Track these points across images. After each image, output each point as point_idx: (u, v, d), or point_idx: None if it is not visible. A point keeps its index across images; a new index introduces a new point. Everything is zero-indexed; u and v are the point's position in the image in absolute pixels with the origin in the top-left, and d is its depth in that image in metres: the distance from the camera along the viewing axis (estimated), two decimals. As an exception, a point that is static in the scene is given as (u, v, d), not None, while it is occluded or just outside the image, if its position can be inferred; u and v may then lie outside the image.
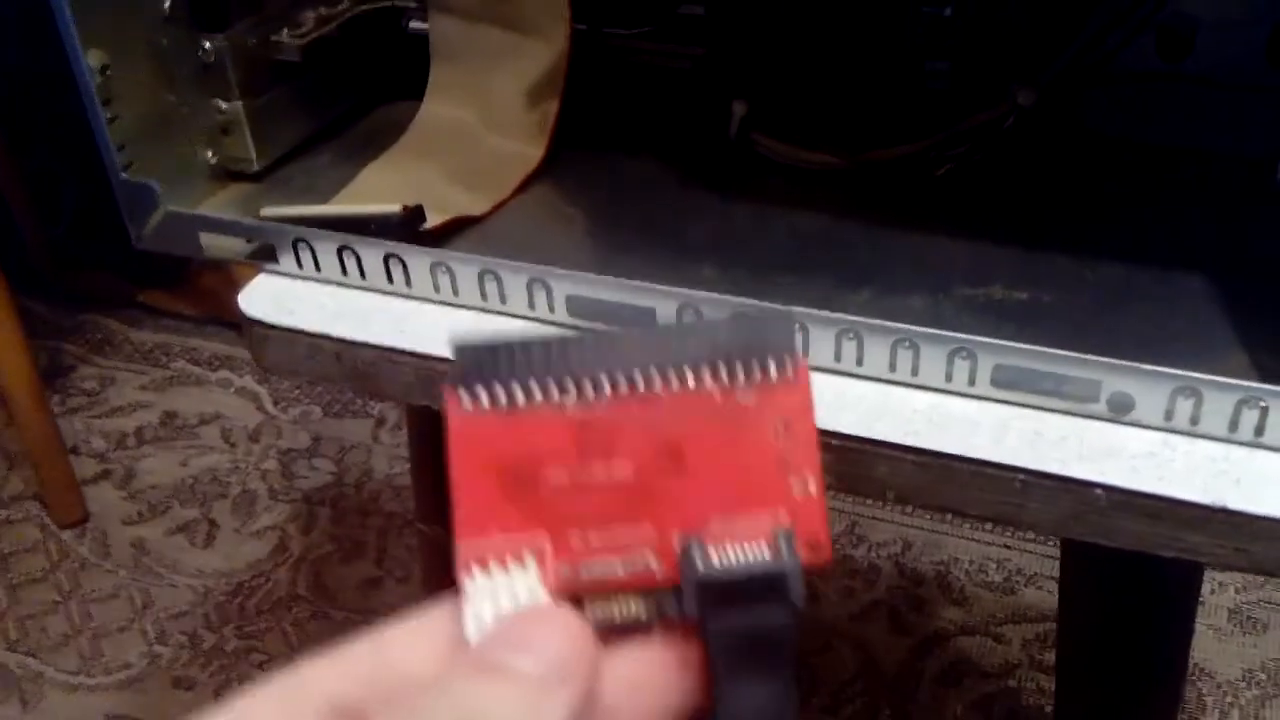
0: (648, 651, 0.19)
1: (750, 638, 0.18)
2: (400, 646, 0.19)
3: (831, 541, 0.19)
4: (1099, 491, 0.33)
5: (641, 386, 0.19)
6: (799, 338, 0.20)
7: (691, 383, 0.19)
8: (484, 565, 0.19)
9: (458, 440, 0.19)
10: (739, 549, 0.19)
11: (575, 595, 0.19)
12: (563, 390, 0.19)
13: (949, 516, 1.15)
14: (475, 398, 0.19)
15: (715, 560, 0.19)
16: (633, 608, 0.19)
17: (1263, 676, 0.98)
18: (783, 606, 0.18)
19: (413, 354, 0.39)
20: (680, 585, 0.19)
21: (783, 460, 0.19)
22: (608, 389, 0.19)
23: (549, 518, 0.19)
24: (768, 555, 0.19)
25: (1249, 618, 1.03)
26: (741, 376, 0.20)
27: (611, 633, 0.19)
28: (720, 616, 0.18)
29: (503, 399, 0.19)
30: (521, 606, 0.19)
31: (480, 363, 0.19)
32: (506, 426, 0.19)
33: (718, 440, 0.19)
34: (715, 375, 0.19)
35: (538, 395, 0.19)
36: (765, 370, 0.20)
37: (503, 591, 0.19)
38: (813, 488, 0.19)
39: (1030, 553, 1.10)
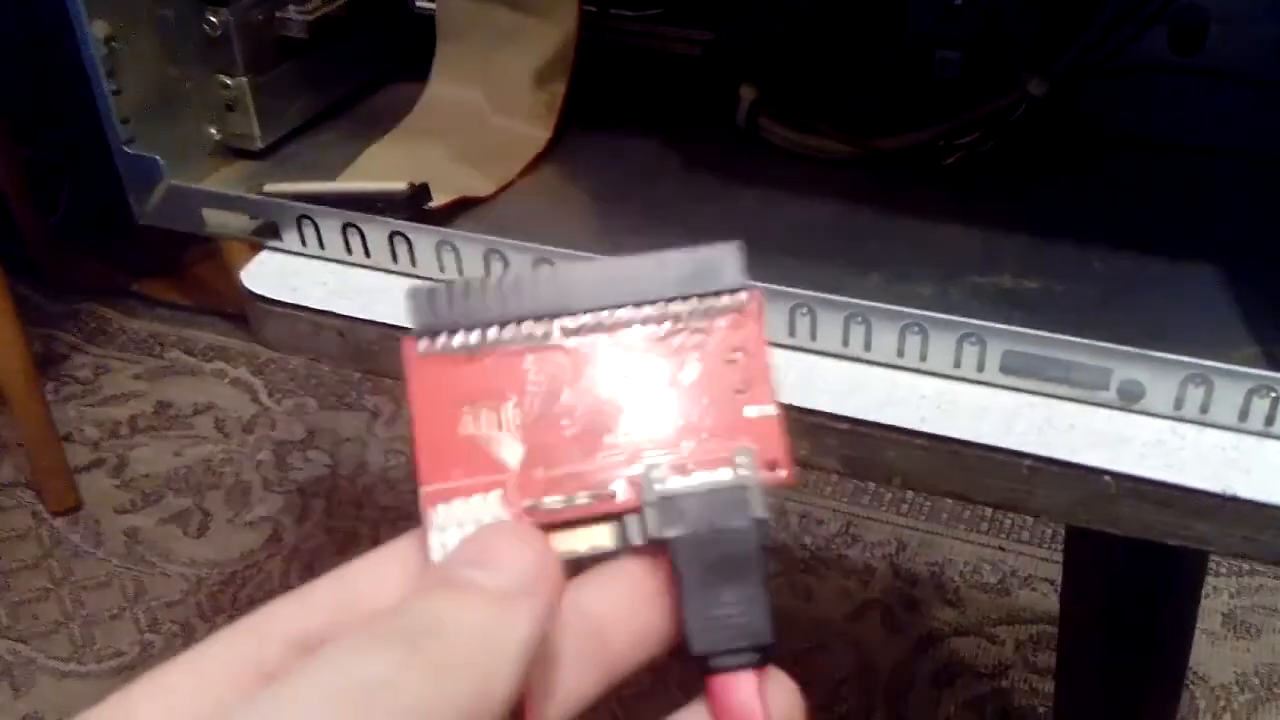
0: (626, 583, 0.19)
1: (715, 551, 0.19)
2: (366, 579, 0.19)
3: (793, 462, 0.19)
4: (1107, 479, 0.33)
5: (596, 321, 0.20)
6: (744, 266, 0.20)
7: (646, 314, 0.20)
8: (449, 503, 0.19)
9: (416, 384, 0.20)
10: (700, 472, 0.19)
11: (540, 527, 0.19)
12: (518, 328, 0.20)
13: (944, 517, 1.15)
14: (433, 342, 0.20)
15: (674, 481, 0.19)
16: (599, 538, 0.19)
17: (1255, 681, 0.98)
18: (744, 519, 0.19)
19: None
20: (642, 509, 0.19)
21: (739, 386, 0.20)
22: (563, 324, 0.20)
23: (511, 455, 0.19)
24: (729, 474, 0.19)
25: (1242, 622, 1.03)
26: (694, 306, 0.20)
27: (580, 566, 0.19)
28: (683, 533, 0.19)
29: (460, 341, 0.20)
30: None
31: (435, 307, 0.20)
32: (465, 368, 0.20)
33: (674, 370, 0.20)
34: (669, 306, 0.20)
35: (494, 335, 0.20)
36: (717, 300, 0.20)
37: (468, 519, 0.19)
38: (769, 410, 0.20)
39: (1025, 554, 1.10)
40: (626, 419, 0.19)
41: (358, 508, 1.19)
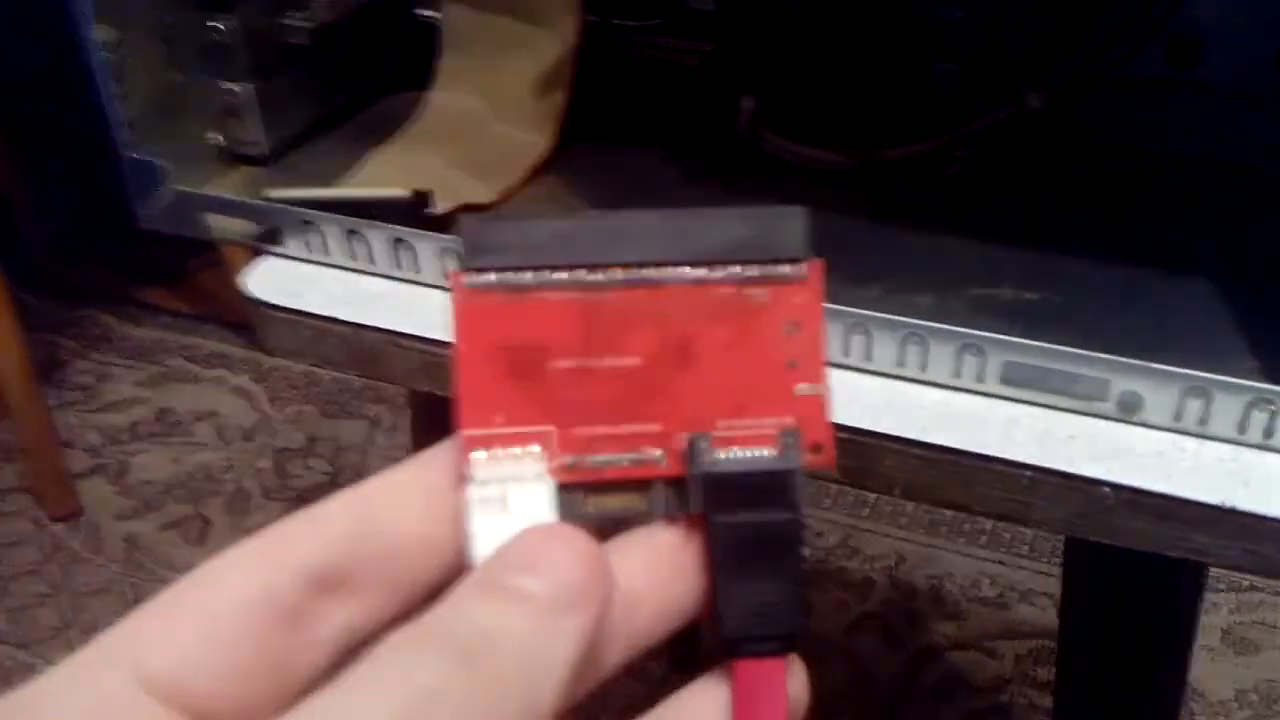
0: (660, 554, 0.19)
1: (754, 534, 0.18)
2: (384, 504, 0.18)
3: (835, 445, 0.19)
4: (1107, 490, 0.33)
5: (652, 275, 0.19)
6: (808, 234, 0.19)
7: (703, 275, 0.19)
8: (489, 451, 0.18)
9: (463, 319, 0.19)
10: (744, 447, 0.19)
11: (580, 486, 0.19)
12: (572, 274, 0.19)
13: (943, 530, 1.14)
14: (482, 275, 0.19)
15: (719, 456, 0.19)
16: (633, 500, 0.19)
17: (1255, 697, 0.98)
18: (787, 503, 0.18)
19: (419, 339, 0.39)
20: (685, 480, 0.18)
21: (790, 361, 0.19)
22: (618, 275, 0.19)
23: (556, 407, 0.19)
24: (772, 453, 0.19)
25: (1242, 638, 1.03)
26: (754, 272, 0.19)
27: (613, 528, 0.19)
28: (724, 512, 0.18)
29: (510, 280, 0.19)
30: (526, 488, 0.18)
31: (487, 242, 0.19)
32: (513, 309, 0.19)
33: (726, 336, 0.19)
34: (727, 269, 0.19)
35: (546, 277, 0.19)
36: (777, 267, 0.19)
37: (509, 475, 0.18)
38: (819, 390, 0.19)
39: (1024, 568, 1.10)
40: (676, 381, 0.19)
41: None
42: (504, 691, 0.16)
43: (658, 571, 0.18)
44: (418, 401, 0.59)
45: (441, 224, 0.41)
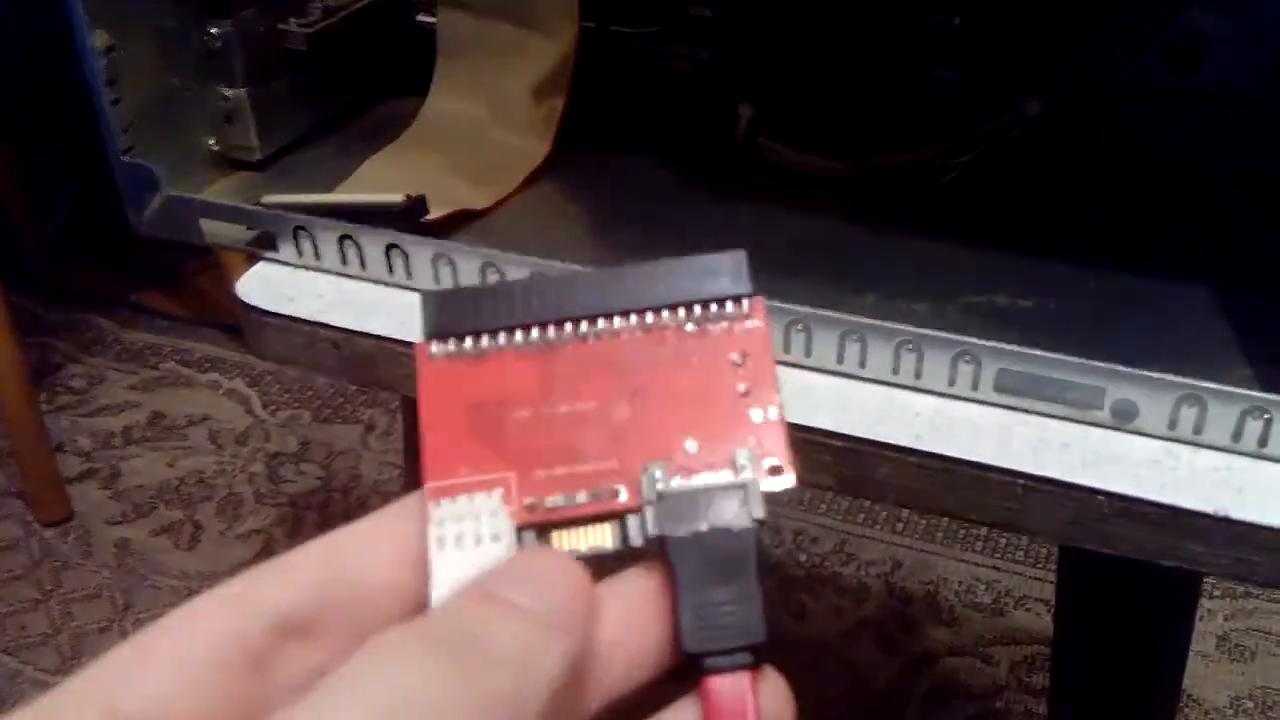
0: (634, 600, 0.19)
1: (712, 549, 0.19)
2: (354, 554, 0.18)
3: (795, 464, 0.19)
4: (1101, 498, 0.33)
5: (602, 326, 0.20)
6: (749, 274, 0.21)
7: (651, 321, 0.20)
8: (452, 498, 0.19)
9: (426, 386, 0.20)
10: (701, 472, 0.19)
11: (540, 525, 0.19)
12: (526, 333, 0.20)
13: (939, 536, 1.14)
14: (444, 344, 0.20)
15: (676, 484, 0.19)
16: (599, 538, 0.19)
17: (1250, 704, 0.98)
18: (743, 518, 0.19)
19: (412, 345, 0.39)
20: (642, 508, 0.19)
21: (743, 391, 0.20)
22: (569, 329, 0.20)
23: (516, 456, 0.19)
24: (729, 476, 0.19)
25: (1237, 645, 1.03)
26: (699, 313, 0.20)
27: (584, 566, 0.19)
28: (681, 531, 0.19)
29: (469, 345, 0.20)
30: (484, 527, 0.19)
31: (446, 311, 0.20)
32: (473, 371, 0.20)
33: (678, 376, 0.20)
34: (674, 313, 0.20)
35: (503, 339, 0.20)
36: (722, 307, 0.20)
37: (467, 514, 0.19)
38: (773, 414, 0.20)
39: (1019, 574, 1.10)
40: (631, 421, 0.20)
41: (350, 521, 1.18)
42: (489, 698, 0.16)
43: (634, 618, 0.19)
44: (411, 406, 0.59)
45: (435, 230, 0.41)
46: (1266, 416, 0.32)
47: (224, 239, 0.42)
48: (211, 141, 0.45)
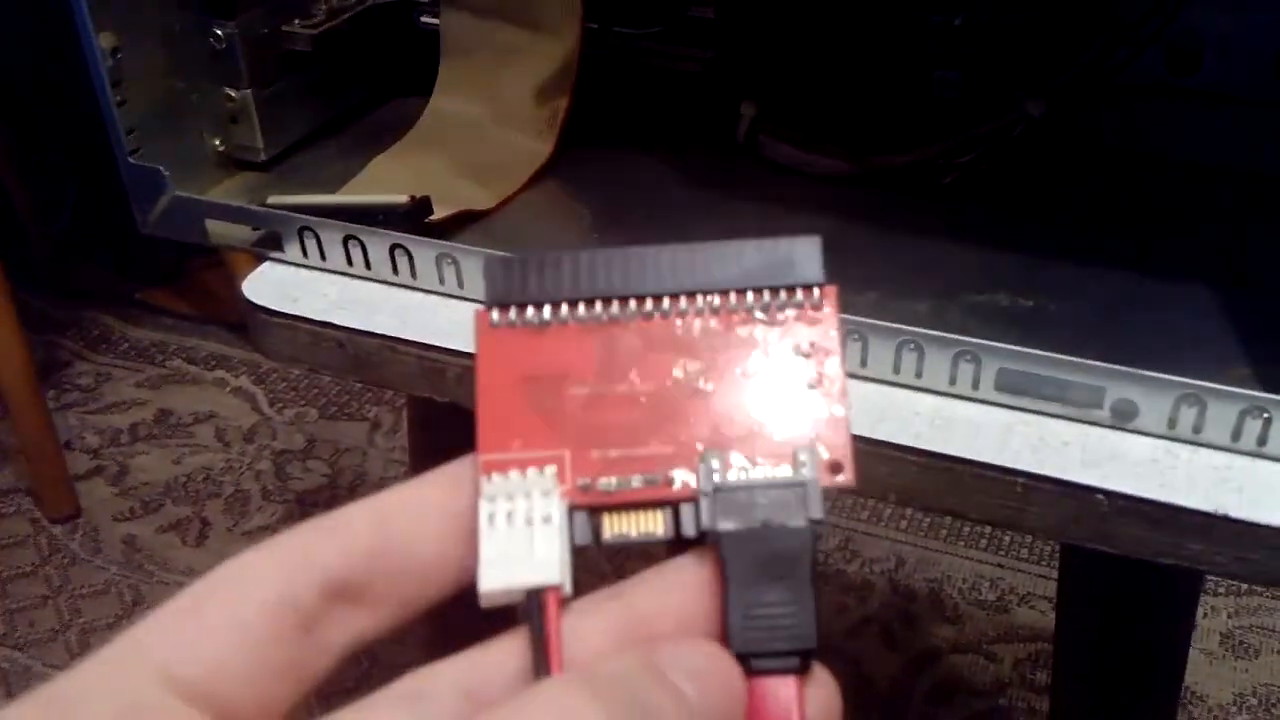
0: (686, 577, 0.18)
1: (765, 548, 0.18)
2: (403, 521, 0.18)
3: (857, 466, 0.19)
4: (1100, 497, 0.33)
5: (668, 306, 0.19)
6: (823, 261, 0.20)
7: (718, 303, 0.19)
8: (504, 471, 0.19)
9: (485, 355, 0.19)
10: (759, 466, 0.19)
11: (592, 508, 0.19)
12: (589, 307, 0.19)
13: (942, 534, 1.15)
14: (505, 314, 0.19)
15: (732, 473, 0.19)
16: (651, 525, 0.19)
17: (1254, 701, 0.98)
18: (799, 518, 0.18)
19: (416, 344, 0.39)
20: (698, 499, 0.19)
21: (809, 384, 0.19)
22: (634, 307, 0.19)
23: (571, 433, 0.19)
24: (788, 471, 0.19)
25: (1241, 642, 1.03)
26: (768, 299, 0.19)
27: (633, 550, 0.19)
28: (735, 527, 0.18)
29: (530, 316, 0.19)
30: (536, 506, 0.18)
31: (509, 279, 0.20)
32: (533, 343, 0.19)
33: (742, 362, 0.19)
34: (742, 297, 0.19)
35: (565, 312, 0.19)
36: (792, 294, 0.19)
37: (519, 491, 0.18)
38: (839, 411, 0.19)
39: (1023, 572, 1.10)
40: (691, 406, 0.19)
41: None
42: None
43: (685, 610, 0.18)
44: (416, 405, 0.59)
45: (439, 230, 0.42)
46: (1266, 416, 0.32)
47: (230, 239, 0.42)
48: (217, 142, 0.46)
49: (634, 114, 0.50)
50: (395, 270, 0.41)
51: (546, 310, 0.19)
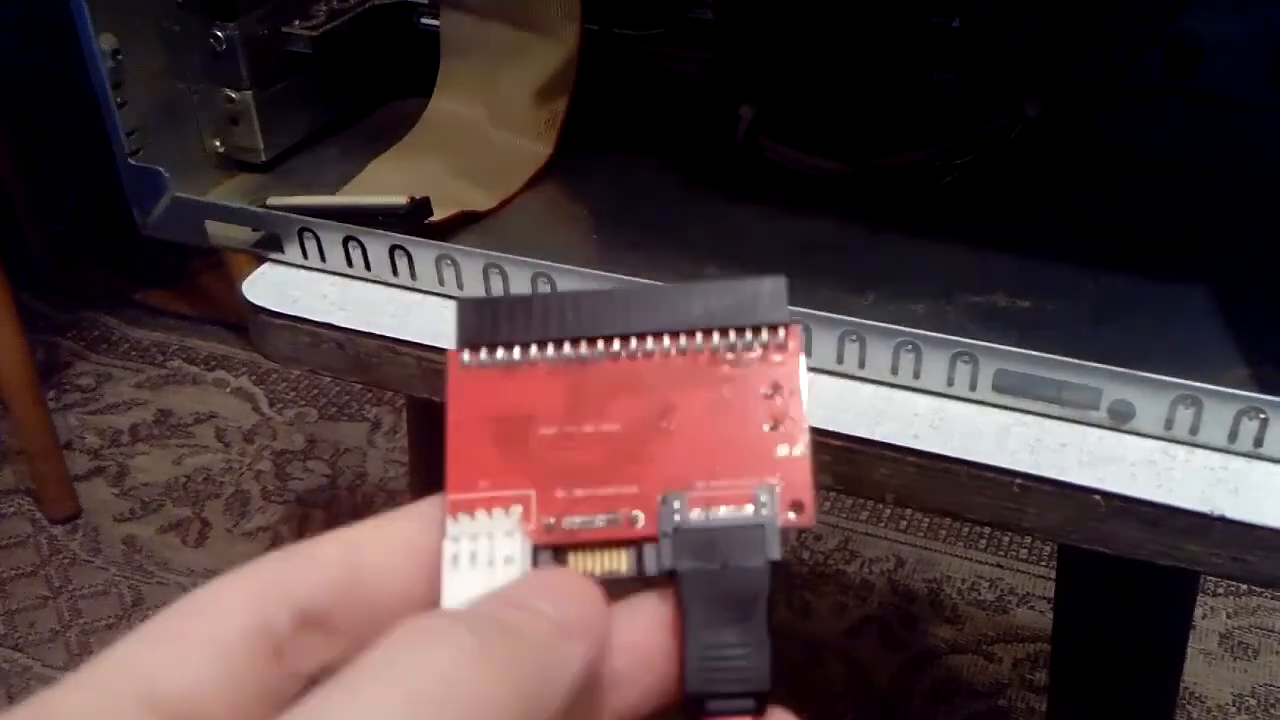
0: (647, 617, 0.19)
1: (724, 588, 0.18)
2: (372, 553, 0.19)
3: (816, 506, 0.19)
4: (1097, 498, 0.33)
5: (635, 346, 0.20)
6: (787, 301, 0.20)
7: (684, 344, 0.20)
8: (470, 512, 0.19)
9: (455, 394, 0.20)
10: (720, 506, 0.19)
11: (557, 546, 0.19)
12: (558, 348, 0.20)
13: (942, 534, 1.15)
14: (475, 354, 0.20)
15: (694, 516, 0.19)
16: (614, 563, 0.19)
17: (1253, 702, 0.98)
18: (758, 559, 0.18)
19: (416, 345, 0.39)
20: (659, 539, 0.19)
21: (771, 424, 0.20)
22: (601, 347, 0.20)
23: (537, 472, 0.19)
24: (749, 511, 0.19)
25: (1240, 643, 1.03)
26: (733, 339, 0.20)
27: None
28: (695, 566, 0.19)
29: (501, 356, 0.20)
30: (499, 548, 0.19)
31: (481, 320, 0.20)
32: (503, 383, 0.20)
33: (707, 402, 0.20)
34: (707, 337, 0.20)
35: (534, 353, 0.20)
36: (757, 334, 0.20)
37: (483, 532, 0.19)
38: (800, 451, 0.19)
39: (1023, 572, 1.10)
40: (656, 446, 0.19)
41: (356, 518, 1.19)
42: (516, 684, 0.16)
43: (643, 648, 0.19)
44: (415, 406, 0.59)
45: (439, 231, 0.42)
46: (1262, 417, 0.33)
47: (229, 240, 0.43)
48: (217, 143, 0.46)
49: (633, 116, 0.50)
50: (395, 271, 0.41)
51: (516, 351, 0.20)
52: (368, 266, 0.41)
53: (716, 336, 0.20)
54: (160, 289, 1.51)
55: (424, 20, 0.50)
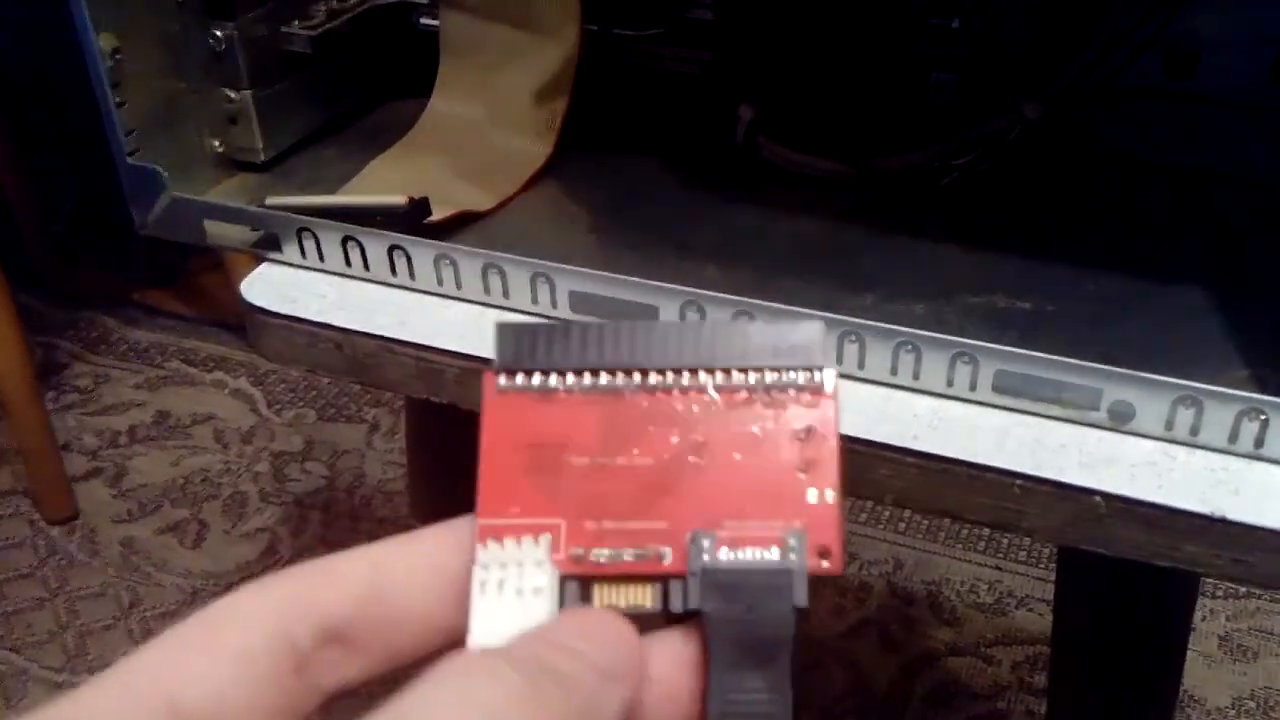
0: (672, 654, 0.19)
1: (749, 632, 0.18)
2: (398, 573, 0.19)
3: (844, 553, 0.19)
4: (1098, 499, 0.33)
5: (671, 380, 0.20)
6: (832, 346, 0.20)
7: (720, 380, 0.20)
8: (499, 539, 0.19)
9: (491, 419, 0.20)
10: (749, 548, 0.19)
11: (584, 578, 0.19)
12: (595, 377, 0.20)
13: (941, 536, 1.15)
14: (512, 379, 0.20)
15: (722, 556, 0.19)
16: (640, 598, 0.19)
17: (1252, 704, 0.98)
18: (784, 605, 0.18)
19: (414, 345, 0.39)
20: (686, 577, 0.19)
21: (803, 467, 0.20)
22: (638, 379, 0.20)
23: (568, 502, 0.19)
24: (777, 555, 0.19)
25: (1239, 645, 1.03)
26: (770, 379, 0.20)
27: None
28: (721, 609, 0.19)
29: (537, 382, 0.20)
30: (528, 578, 0.19)
31: (519, 345, 0.20)
32: (538, 410, 0.20)
33: (740, 441, 0.20)
34: (744, 376, 0.20)
35: (571, 381, 0.20)
36: (794, 375, 0.20)
37: (511, 561, 0.19)
38: (830, 497, 0.19)
39: (1022, 575, 1.10)
40: (687, 482, 0.19)
41: (355, 520, 1.19)
42: None
43: (668, 686, 0.19)
44: (413, 408, 0.59)
45: (438, 231, 0.42)
46: (1263, 418, 0.32)
47: (228, 240, 0.42)
48: (216, 143, 0.46)
49: (633, 116, 0.50)
50: (394, 271, 0.41)
51: (553, 378, 0.20)
52: (366, 266, 0.41)
53: (753, 375, 0.20)
54: (159, 289, 1.50)
55: (423, 20, 0.50)
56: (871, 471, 0.35)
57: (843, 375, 0.37)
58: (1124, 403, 0.34)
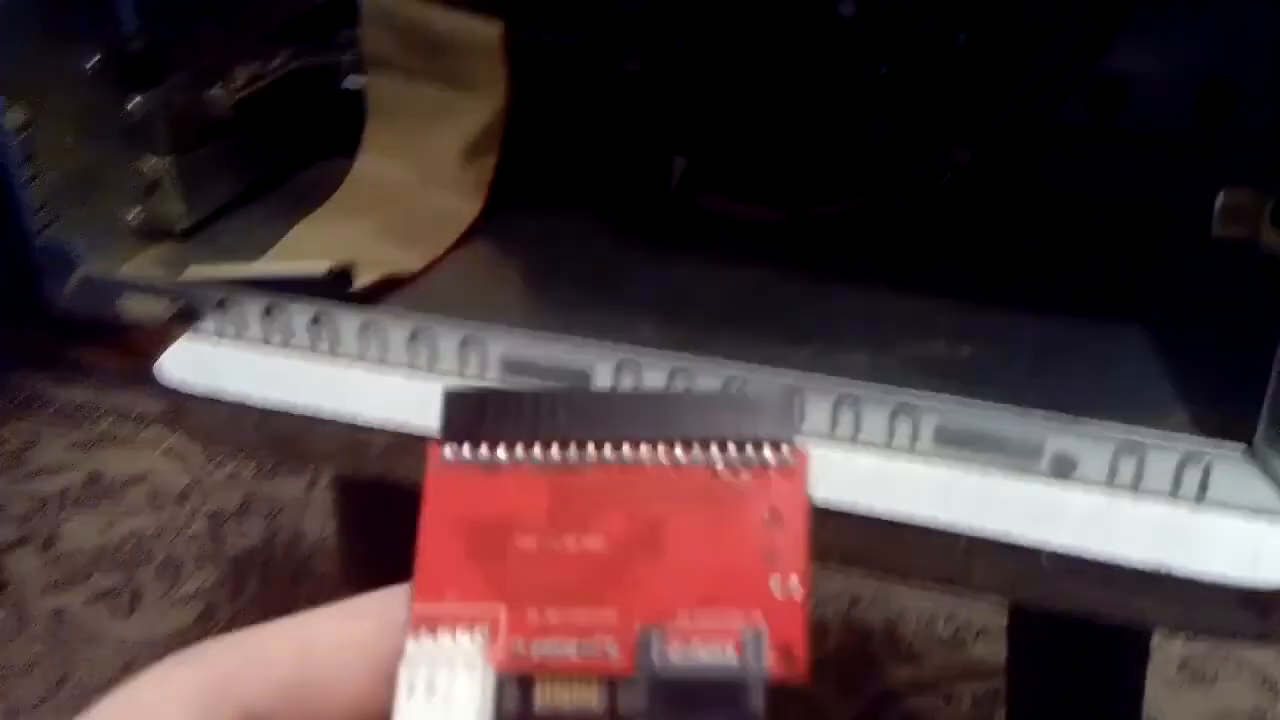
0: None
1: None
2: (324, 653, 0.18)
3: (809, 654, 0.17)
4: (1043, 555, 0.32)
5: (627, 454, 0.19)
6: (795, 416, 0.19)
7: (680, 455, 0.19)
8: (433, 630, 0.18)
9: (432, 494, 0.19)
10: (703, 647, 0.17)
11: (525, 674, 0.18)
12: (546, 449, 0.19)
13: (895, 571, 1.15)
14: (458, 450, 0.19)
15: (673, 656, 0.17)
16: (585, 696, 0.18)
17: (1210, 728, 0.99)
18: (739, 712, 0.17)
19: (338, 419, 0.37)
20: (634, 679, 0.17)
21: (767, 554, 0.18)
22: (592, 452, 0.19)
23: (511, 588, 0.18)
24: (733, 657, 0.17)
25: (1199, 670, 1.03)
26: (733, 454, 0.18)
27: None
28: (670, 714, 0.17)
29: (484, 454, 0.19)
30: (459, 682, 0.17)
31: (467, 412, 0.19)
32: (484, 484, 0.19)
33: (699, 524, 0.18)
34: (706, 452, 0.18)
35: (521, 452, 0.19)
36: (760, 453, 0.19)
37: (444, 660, 0.17)
38: (795, 590, 0.18)
39: (978, 606, 1.10)
40: (640, 570, 0.18)
41: (294, 579, 1.16)
42: None
43: None
44: (341, 480, 0.57)
45: (364, 296, 0.40)
46: (1204, 464, 0.32)
47: (145, 315, 0.41)
48: (135, 212, 0.44)
49: (564, 170, 0.50)
50: (316, 341, 0.39)
51: (501, 450, 0.19)
52: (289, 337, 0.40)
53: (715, 450, 0.18)
54: (91, 345, 1.47)
55: (347, 81, 0.49)
56: (815, 534, 0.34)
57: (783, 434, 0.36)
58: (1066, 454, 0.33)
